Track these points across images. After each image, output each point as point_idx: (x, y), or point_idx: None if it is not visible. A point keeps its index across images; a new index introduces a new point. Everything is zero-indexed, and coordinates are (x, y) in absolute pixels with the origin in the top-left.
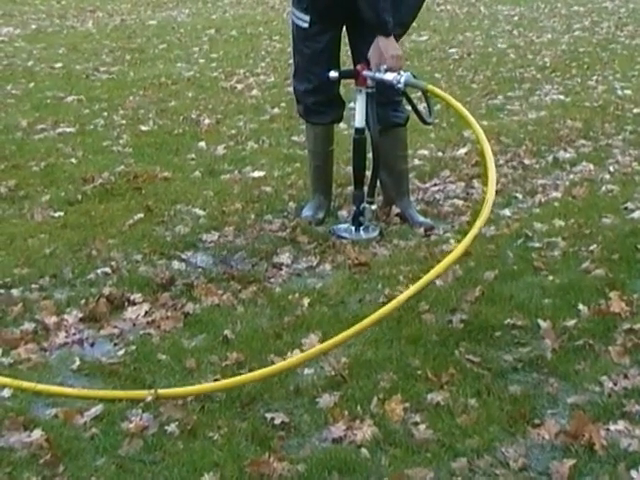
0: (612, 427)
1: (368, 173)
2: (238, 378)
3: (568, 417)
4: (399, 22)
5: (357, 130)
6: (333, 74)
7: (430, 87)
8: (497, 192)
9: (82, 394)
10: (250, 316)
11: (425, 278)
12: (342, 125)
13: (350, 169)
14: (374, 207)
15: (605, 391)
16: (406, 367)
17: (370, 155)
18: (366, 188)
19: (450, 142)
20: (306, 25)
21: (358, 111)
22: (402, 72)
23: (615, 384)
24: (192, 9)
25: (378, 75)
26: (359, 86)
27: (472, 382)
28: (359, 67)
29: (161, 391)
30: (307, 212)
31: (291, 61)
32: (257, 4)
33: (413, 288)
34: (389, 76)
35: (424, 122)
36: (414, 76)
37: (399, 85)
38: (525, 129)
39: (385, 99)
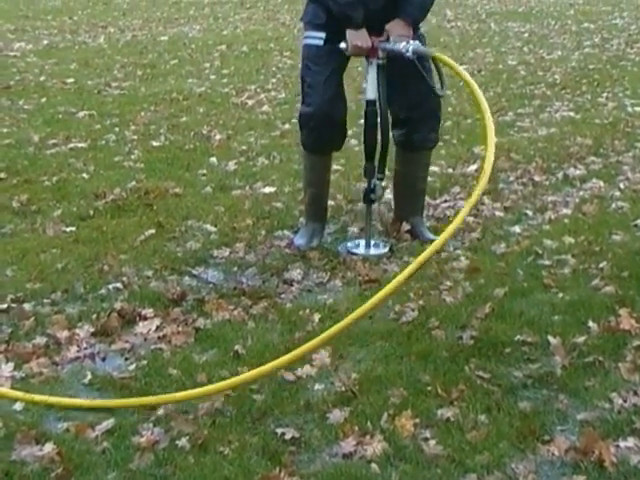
0: (622, 444)
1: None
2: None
3: (578, 433)
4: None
5: (368, 102)
6: (343, 45)
7: (437, 54)
8: (507, 209)
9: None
10: (261, 331)
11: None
12: (353, 141)
13: (360, 185)
14: (384, 183)
15: (615, 408)
16: (416, 383)
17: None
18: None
19: (460, 159)
20: (321, 43)
21: (370, 83)
22: (411, 41)
23: (625, 401)
24: (203, 25)
25: (389, 45)
26: (371, 58)
27: (482, 398)
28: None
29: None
30: (300, 240)
31: None
32: (268, 20)
33: (408, 269)
34: (399, 45)
35: (435, 94)
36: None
37: (407, 54)
38: (535, 146)
39: (422, 123)
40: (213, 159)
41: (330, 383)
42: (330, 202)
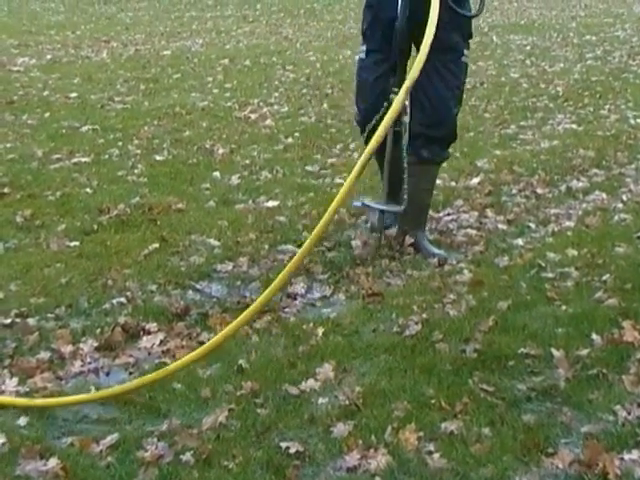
0: (626, 456)
1: None
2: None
3: (582, 446)
4: None
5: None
6: None
7: None
8: (509, 221)
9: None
10: (265, 345)
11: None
12: (355, 155)
13: None
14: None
15: (619, 420)
16: (420, 396)
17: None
18: None
19: (463, 172)
20: (363, 56)
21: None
22: None
23: (629, 413)
24: (206, 39)
25: None
26: None
27: (486, 411)
28: None
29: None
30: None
31: (304, 90)
32: (270, 34)
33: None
34: None
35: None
36: None
37: None
38: (538, 158)
39: (436, 142)
40: (216, 173)
41: (334, 397)
42: None
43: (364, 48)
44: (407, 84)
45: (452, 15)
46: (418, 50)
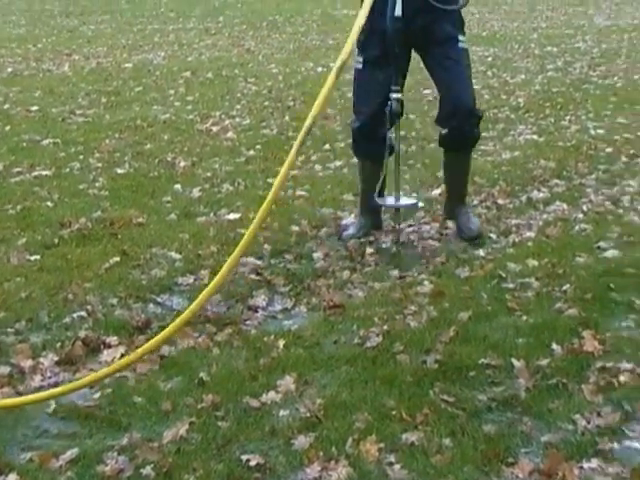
0: (586, 465)
1: None
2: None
3: (542, 456)
4: None
5: (397, 19)
6: None
7: None
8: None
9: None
10: (226, 358)
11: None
12: (317, 167)
13: None
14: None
15: (579, 429)
16: (381, 407)
17: None
18: None
19: (424, 183)
20: (360, 67)
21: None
22: None
23: (588, 422)
24: (168, 51)
25: None
26: None
27: (446, 422)
28: None
29: None
30: (351, 231)
31: (266, 103)
32: (233, 46)
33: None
34: None
35: None
36: None
37: None
38: (499, 169)
39: (461, 124)
40: (178, 186)
41: (295, 409)
42: (294, 228)
43: (361, 59)
44: (337, 63)
45: (440, 8)
46: (418, 53)
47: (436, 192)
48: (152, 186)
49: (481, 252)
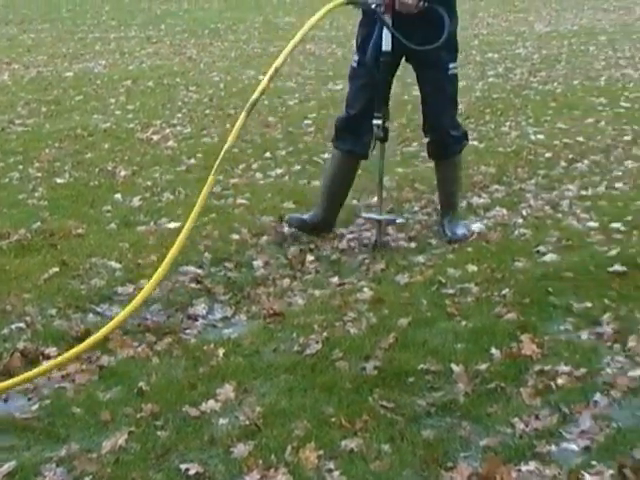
0: (523, 468)
1: None
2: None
3: (480, 460)
4: None
5: (384, 53)
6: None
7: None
8: (411, 238)
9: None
10: (165, 367)
11: None
12: (258, 175)
13: None
14: (380, 122)
15: (517, 432)
16: (320, 415)
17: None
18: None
19: (365, 190)
20: (355, 65)
21: (386, 36)
22: None
23: (527, 425)
24: (109, 60)
25: None
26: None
27: (386, 428)
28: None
29: None
30: (304, 216)
31: (207, 111)
32: (174, 54)
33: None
34: None
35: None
36: None
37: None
38: None
39: (442, 138)
40: (118, 195)
41: (234, 417)
42: (235, 236)
43: (356, 58)
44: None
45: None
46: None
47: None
48: (92, 195)
49: (421, 258)
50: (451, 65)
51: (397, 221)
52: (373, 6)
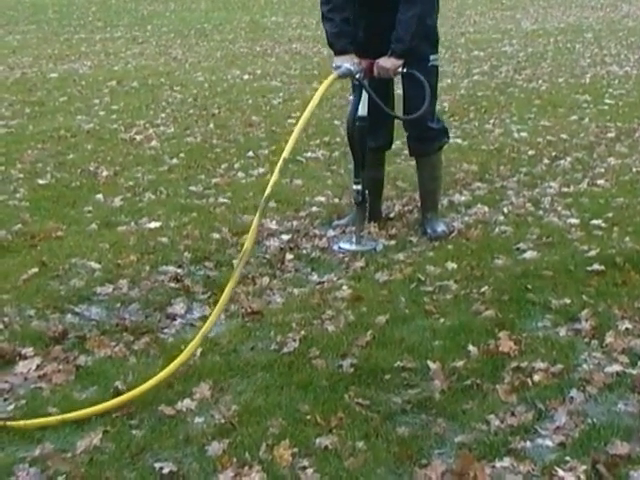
0: (498, 464)
1: None
2: None
3: (455, 456)
4: (396, 38)
5: (360, 118)
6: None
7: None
8: (391, 236)
9: None
10: (142, 367)
11: None
12: (240, 174)
13: None
14: (359, 187)
15: (492, 429)
16: (295, 412)
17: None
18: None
19: (347, 188)
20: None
21: (363, 100)
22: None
23: (502, 422)
24: (94, 61)
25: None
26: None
27: (360, 425)
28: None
29: None
30: (343, 221)
31: (191, 111)
32: (160, 55)
33: None
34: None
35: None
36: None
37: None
38: None
39: (421, 133)
40: (99, 196)
41: (210, 416)
42: (215, 235)
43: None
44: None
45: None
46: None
47: None
48: (73, 196)
49: (401, 256)
50: (432, 57)
51: (377, 249)
52: (357, 76)
